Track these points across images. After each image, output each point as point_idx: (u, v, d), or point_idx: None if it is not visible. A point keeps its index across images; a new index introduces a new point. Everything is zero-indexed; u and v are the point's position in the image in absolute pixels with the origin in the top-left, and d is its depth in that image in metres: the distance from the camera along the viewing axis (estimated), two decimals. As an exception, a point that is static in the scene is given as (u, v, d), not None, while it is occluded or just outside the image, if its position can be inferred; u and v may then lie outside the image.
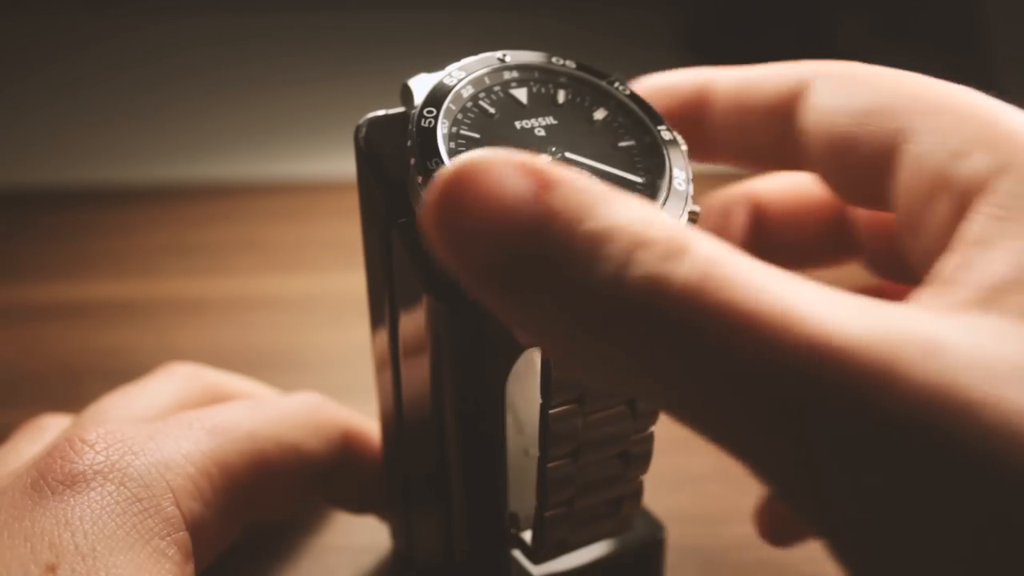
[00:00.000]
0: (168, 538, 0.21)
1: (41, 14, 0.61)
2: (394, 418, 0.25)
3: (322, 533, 0.31)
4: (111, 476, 0.21)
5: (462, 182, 0.16)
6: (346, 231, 0.45)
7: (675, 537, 0.31)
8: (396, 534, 0.29)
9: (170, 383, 0.28)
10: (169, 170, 0.49)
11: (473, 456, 0.22)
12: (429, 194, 0.16)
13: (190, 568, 0.21)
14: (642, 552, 0.27)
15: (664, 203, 0.21)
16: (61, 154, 0.50)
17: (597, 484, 0.24)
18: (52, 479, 0.21)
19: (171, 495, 0.21)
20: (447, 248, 0.16)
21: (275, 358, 0.38)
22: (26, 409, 0.34)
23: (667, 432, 0.35)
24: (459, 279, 0.16)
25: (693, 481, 0.33)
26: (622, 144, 0.22)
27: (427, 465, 0.24)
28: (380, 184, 0.21)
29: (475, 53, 0.23)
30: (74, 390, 0.35)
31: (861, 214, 0.26)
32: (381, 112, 0.22)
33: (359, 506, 0.29)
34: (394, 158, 0.21)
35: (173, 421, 0.23)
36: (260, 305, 0.41)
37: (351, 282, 0.42)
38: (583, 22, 0.63)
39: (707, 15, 0.60)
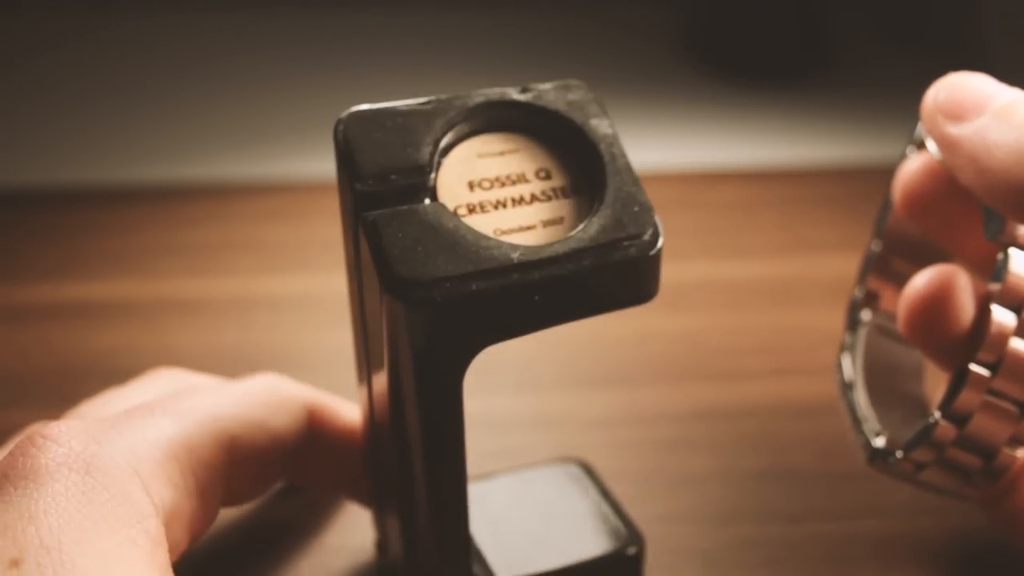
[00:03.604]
0: (137, 526, 0.20)
1: (38, 12, 0.61)
2: (368, 414, 0.25)
3: (322, 533, 0.31)
4: (75, 467, 0.20)
5: None
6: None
7: (675, 537, 0.31)
8: (377, 524, 0.29)
9: (153, 386, 0.28)
10: (168, 170, 0.49)
11: (433, 452, 0.22)
12: None
13: (161, 554, 0.21)
14: (613, 565, 0.27)
15: None
16: (59, 153, 0.50)
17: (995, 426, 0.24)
18: (15, 475, 0.20)
19: (139, 482, 0.21)
20: None
21: (275, 358, 0.38)
22: (23, 409, 0.35)
23: (667, 432, 0.35)
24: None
25: (693, 481, 0.33)
26: None
27: (392, 462, 0.24)
28: (352, 177, 0.21)
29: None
30: (73, 390, 0.35)
31: None
32: (365, 106, 0.22)
33: (332, 484, 0.29)
34: (370, 152, 0.21)
35: (135, 410, 0.23)
36: (260, 305, 0.41)
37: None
38: (582, 21, 0.63)
39: (706, 15, 0.60)
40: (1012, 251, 0.24)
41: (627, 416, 0.36)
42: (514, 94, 0.23)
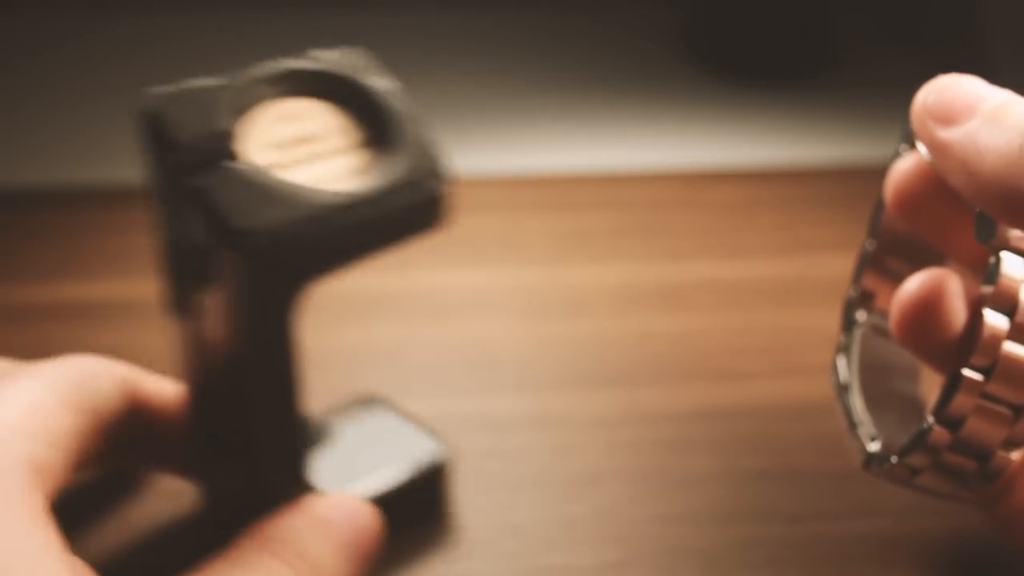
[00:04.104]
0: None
1: (38, 12, 0.61)
2: (195, 370, 0.27)
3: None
4: None
5: None
6: (346, 231, 0.45)
7: (675, 537, 0.31)
8: (203, 490, 0.30)
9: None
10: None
11: (273, 385, 0.25)
12: None
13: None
14: (429, 477, 0.30)
15: None
16: (59, 153, 0.50)
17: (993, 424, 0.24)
18: None
19: None
20: None
21: (275, 358, 0.38)
22: (26, 409, 0.34)
23: (667, 432, 0.35)
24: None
25: (693, 481, 0.33)
26: None
27: (228, 410, 0.26)
28: (166, 151, 0.23)
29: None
30: (74, 390, 0.35)
31: None
32: (165, 87, 0.24)
33: (153, 460, 0.29)
34: (180, 126, 0.23)
35: None
36: (260, 305, 0.41)
37: (351, 282, 0.42)
38: (582, 21, 0.63)
39: (706, 15, 0.60)
40: (1004, 254, 0.24)
41: (627, 416, 0.36)
42: (302, 62, 0.25)
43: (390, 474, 0.30)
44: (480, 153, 0.51)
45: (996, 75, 0.26)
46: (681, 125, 0.54)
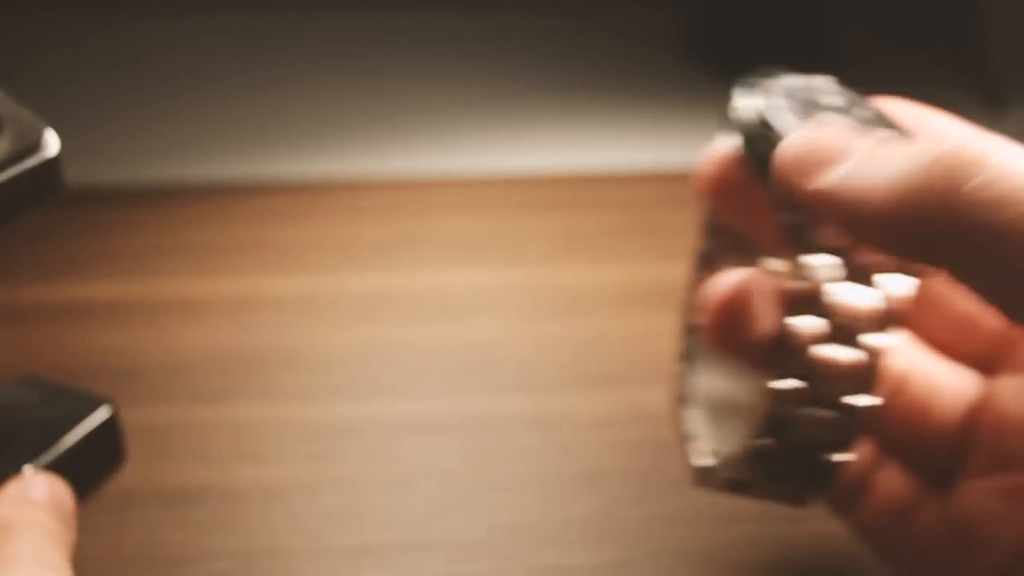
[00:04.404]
0: None
1: (38, 12, 0.61)
2: None
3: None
4: None
5: None
6: (346, 231, 0.45)
7: (675, 537, 0.31)
8: None
9: None
10: (169, 170, 0.49)
11: None
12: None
13: None
14: (97, 433, 0.31)
15: None
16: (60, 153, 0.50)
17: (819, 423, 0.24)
18: None
19: None
20: None
21: (275, 358, 0.38)
22: (26, 409, 0.35)
23: (668, 432, 0.35)
24: None
25: (693, 481, 0.33)
26: None
27: None
28: None
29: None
30: (74, 390, 0.35)
31: None
32: None
33: None
34: None
35: None
36: (261, 305, 0.41)
37: (351, 282, 0.42)
38: (581, 22, 0.63)
39: (706, 15, 0.60)
40: (806, 257, 0.23)
41: (628, 416, 0.36)
42: None
43: (68, 438, 0.31)
44: (480, 153, 0.51)
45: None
46: (681, 125, 0.54)
